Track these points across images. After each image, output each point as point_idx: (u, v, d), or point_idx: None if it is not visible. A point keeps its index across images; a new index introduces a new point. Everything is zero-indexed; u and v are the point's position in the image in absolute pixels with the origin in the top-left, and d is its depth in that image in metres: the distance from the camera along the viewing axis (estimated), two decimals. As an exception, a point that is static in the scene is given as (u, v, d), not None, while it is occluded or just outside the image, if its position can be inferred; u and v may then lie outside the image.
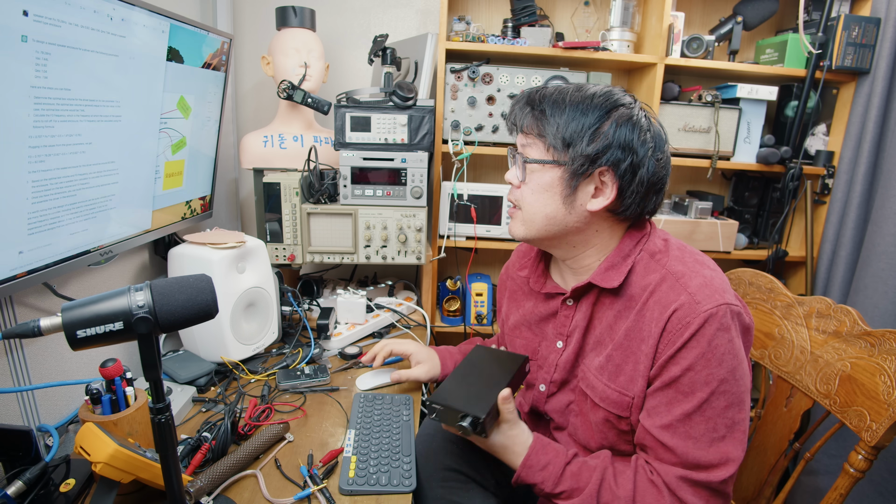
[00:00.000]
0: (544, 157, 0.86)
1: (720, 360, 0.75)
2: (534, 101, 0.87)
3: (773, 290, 1.20)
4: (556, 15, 1.91)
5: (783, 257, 1.86)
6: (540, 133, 0.85)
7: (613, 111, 0.82)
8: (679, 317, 0.77)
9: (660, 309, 0.80)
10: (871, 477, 1.44)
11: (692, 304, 0.77)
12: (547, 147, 0.85)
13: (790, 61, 1.75)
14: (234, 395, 1.18)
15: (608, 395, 0.86)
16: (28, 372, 1.00)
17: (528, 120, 0.87)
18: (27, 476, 0.78)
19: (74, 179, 0.99)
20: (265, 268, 1.35)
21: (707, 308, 0.76)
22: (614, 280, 0.86)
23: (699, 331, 0.75)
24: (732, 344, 0.76)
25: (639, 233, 0.89)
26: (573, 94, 0.85)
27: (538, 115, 0.86)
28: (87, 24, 0.94)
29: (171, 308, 0.60)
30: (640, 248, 0.87)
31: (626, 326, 0.85)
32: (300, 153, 1.62)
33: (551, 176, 0.85)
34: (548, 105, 0.85)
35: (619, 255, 0.87)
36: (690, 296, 0.77)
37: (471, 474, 0.93)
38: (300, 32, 1.62)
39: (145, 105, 1.16)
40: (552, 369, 0.96)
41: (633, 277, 0.86)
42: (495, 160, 2.00)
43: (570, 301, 0.93)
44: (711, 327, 0.75)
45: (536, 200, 0.87)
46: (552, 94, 0.86)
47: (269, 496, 0.87)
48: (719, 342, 0.75)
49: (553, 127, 0.84)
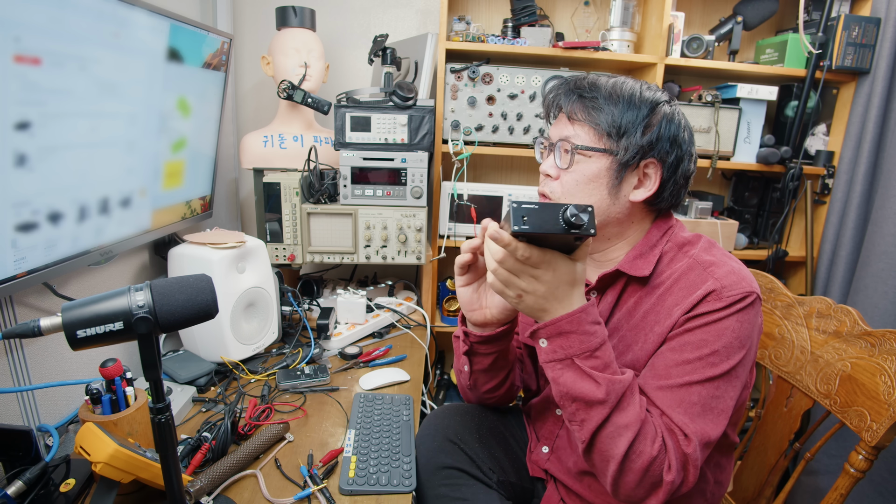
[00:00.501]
0: (596, 144, 0.84)
1: (723, 334, 0.76)
2: (583, 87, 0.86)
3: (774, 290, 1.20)
4: (556, 15, 1.91)
5: (783, 257, 1.86)
6: (593, 120, 0.84)
7: (659, 106, 0.85)
8: (705, 300, 0.78)
9: (685, 293, 0.81)
10: (872, 477, 1.44)
11: (719, 290, 0.78)
12: (599, 135, 0.84)
13: (790, 61, 1.75)
14: (234, 395, 1.18)
15: None
16: (28, 372, 1.00)
17: (577, 106, 0.85)
18: (27, 476, 0.78)
19: (74, 179, 0.99)
20: (265, 268, 1.35)
21: (734, 293, 0.77)
22: (644, 269, 0.86)
23: (721, 310, 0.77)
24: (741, 326, 0.77)
25: (665, 224, 0.90)
26: (622, 85, 0.86)
27: (590, 102, 0.84)
28: (87, 24, 0.94)
29: (171, 308, 0.60)
30: (668, 239, 0.88)
31: (644, 309, 0.85)
32: (300, 153, 1.62)
33: (598, 166, 0.84)
34: (601, 94, 0.84)
35: (647, 245, 0.88)
36: (717, 281, 0.79)
37: (472, 472, 0.93)
38: (300, 32, 1.62)
39: (145, 105, 1.16)
40: None
41: (660, 266, 0.87)
42: (495, 160, 2.00)
43: (594, 293, 0.93)
44: (733, 310, 0.77)
45: (581, 191, 0.86)
46: (605, 84, 0.86)
47: (269, 496, 0.87)
48: (733, 324, 0.76)
49: (608, 115, 0.83)
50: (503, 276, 0.73)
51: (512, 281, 0.73)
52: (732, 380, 0.77)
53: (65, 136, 0.94)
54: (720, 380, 0.76)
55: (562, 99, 0.88)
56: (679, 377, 0.76)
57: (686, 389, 0.76)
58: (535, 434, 1.04)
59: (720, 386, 0.76)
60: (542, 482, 1.02)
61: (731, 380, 0.77)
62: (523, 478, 1.02)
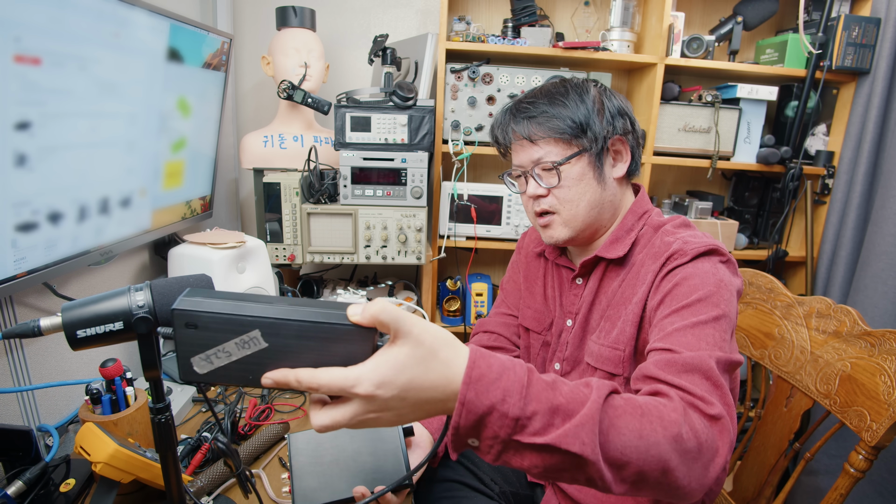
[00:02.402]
0: (569, 151, 0.87)
1: (704, 279, 0.76)
2: (525, 109, 0.89)
3: (773, 290, 1.20)
4: (556, 15, 1.91)
5: (783, 257, 1.86)
6: (555, 131, 0.86)
7: (593, 88, 0.89)
8: (671, 257, 0.80)
9: (652, 258, 0.84)
10: (871, 477, 1.44)
11: (683, 245, 0.80)
12: (567, 141, 0.87)
13: (790, 61, 1.75)
14: (234, 395, 1.18)
15: (602, 354, 0.88)
16: (28, 372, 1.00)
17: (534, 128, 0.88)
18: (27, 476, 0.78)
19: (74, 179, 0.99)
20: (265, 268, 1.35)
21: (696, 246, 0.79)
22: (618, 251, 0.89)
23: (690, 261, 0.78)
24: (718, 272, 0.77)
25: (640, 208, 0.93)
26: (554, 88, 0.89)
27: (541, 118, 0.87)
28: (87, 24, 0.94)
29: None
30: (644, 223, 0.91)
31: (624, 286, 0.88)
32: (300, 153, 1.62)
33: (580, 166, 0.88)
34: (546, 106, 0.87)
35: (623, 230, 0.91)
36: (682, 240, 0.81)
37: (473, 483, 0.93)
38: (300, 32, 1.62)
39: (145, 105, 1.16)
40: (564, 347, 0.97)
41: (636, 248, 0.89)
42: (495, 160, 2.00)
43: (578, 280, 0.96)
44: (700, 260, 0.78)
45: (576, 194, 0.88)
46: (541, 96, 0.89)
47: (273, 496, 0.87)
48: (706, 267, 0.77)
49: (565, 120, 0.86)
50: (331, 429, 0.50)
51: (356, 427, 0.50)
52: (730, 323, 0.74)
53: (65, 136, 0.94)
54: (720, 321, 0.72)
55: (513, 127, 0.90)
56: (684, 318, 0.73)
57: (695, 328, 0.71)
58: None
59: (724, 327, 0.72)
60: (541, 487, 1.02)
61: (729, 323, 0.73)
62: (523, 485, 1.02)
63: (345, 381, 0.46)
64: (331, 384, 0.47)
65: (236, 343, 0.49)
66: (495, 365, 0.50)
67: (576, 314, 0.96)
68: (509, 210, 1.76)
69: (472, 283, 1.85)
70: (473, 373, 0.49)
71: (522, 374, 0.51)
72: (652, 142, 1.76)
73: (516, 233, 1.78)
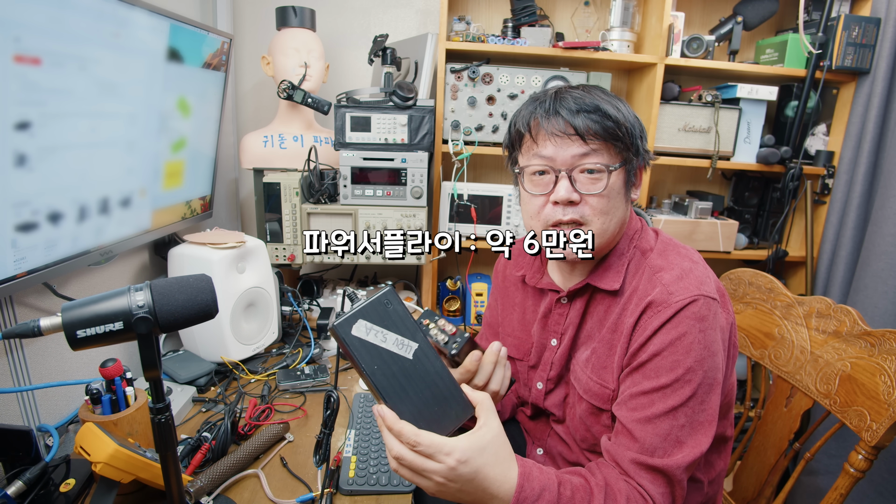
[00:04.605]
0: (617, 160, 0.80)
1: (688, 350, 0.73)
2: (580, 99, 0.79)
3: (773, 290, 1.20)
4: (556, 15, 1.91)
5: (783, 257, 1.86)
6: (610, 135, 0.78)
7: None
8: (651, 309, 0.77)
9: (636, 302, 0.80)
10: (871, 477, 1.44)
11: (665, 296, 0.76)
12: (618, 149, 0.79)
13: (790, 61, 1.75)
14: (234, 395, 1.18)
15: (591, 388, 0.86)
16: (28, 372, 1.00)
17: (590, 123, 0.77)
18: (27, 476, 0.78)
19: (74, 179, 0.99)
20: (265, 268, 1.35)
21: (679, 299, 0.75)
22: (614, 282, 0.84)
23: (670, 321, 0.74)
24: (704, 335, 0.74)
25: (631, 228, 0.88)
26: (603, 91, 0.82)
27: (599, 116, 0.78)
28: (87, 24, 0.94)
29: (171, 308, 0.60)
30: (633, 245, 0.87)
31: (612, 320, 0.84)
32: (300, 153, 1.62)
33: (620, 178, 0.81)
34: (610, 106, 0.78)
35: (615, 255, 0.86)
36: (664, 287, 0.77)
37: None
38: (300, 32, 1.62)
39: (145, 105, 1.16)
40: (548, 367, 0.95)
41: (627, 276, 0.85)
42: (495, 160, 2.00)
43: (564, 300, 0.92)
44: (682, 317, 0.74)
45: (612, 207, 0.80)
46: (604, 94, 0.81)
47: (271, 496, 0.87)
48: (689, 332, 0.74)
49: (621, 127, 0.78)
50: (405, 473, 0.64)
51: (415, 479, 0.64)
52: (711, 387, 0.75)
53: (65, 137, 0.94)
54: (698, 395, 0.73)
55: (564, 116, 0.78)
56: (658, 405, 0.74)
57: (669, 417, 0.73)
58: (530, 437, 1.04)
59: (701, 399, 0.74)
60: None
61: (708, 389, 0.74)
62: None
63: (441, 448, 0.61)
64: (429, 445, 0.60)
65: (397, 338, 0.62)
66: (537, 487, 0.66)
67: (561, 334, 0.93)
68: (509, 210, 1.76)
69: (472, 283, 1.85)
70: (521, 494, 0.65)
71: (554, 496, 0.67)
72: (652, 142, 1.76)
73: (517, 233, 1.78)
